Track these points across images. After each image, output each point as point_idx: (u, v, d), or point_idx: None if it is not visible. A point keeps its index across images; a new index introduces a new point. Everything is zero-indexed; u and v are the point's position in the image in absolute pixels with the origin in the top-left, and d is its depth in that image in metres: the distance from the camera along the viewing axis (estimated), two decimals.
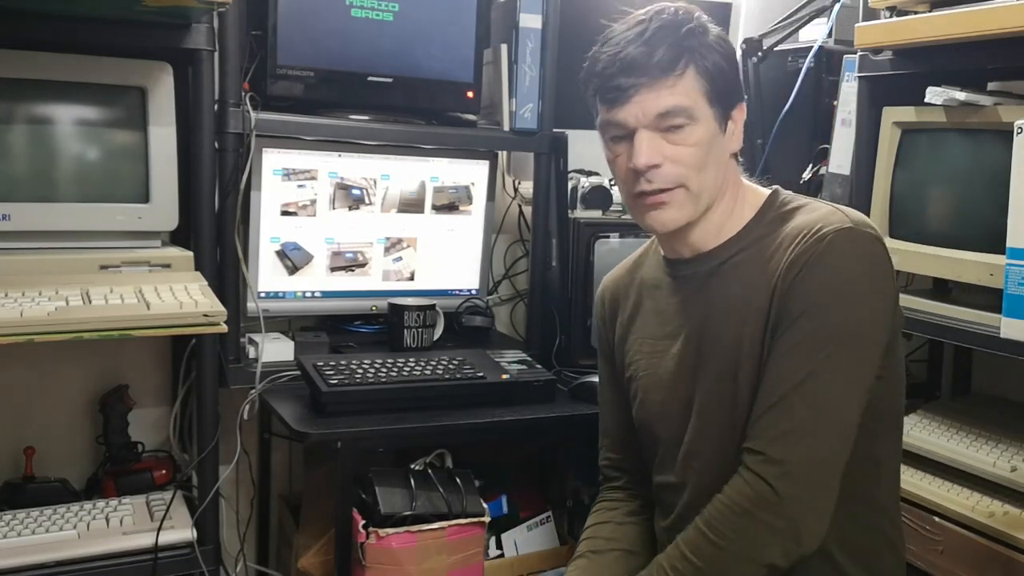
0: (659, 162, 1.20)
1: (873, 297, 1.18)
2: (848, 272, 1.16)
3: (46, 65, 1.58)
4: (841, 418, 1.15)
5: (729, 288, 1.25)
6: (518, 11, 1.99)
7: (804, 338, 1.15)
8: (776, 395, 1.15)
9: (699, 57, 1.20)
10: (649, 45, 1.18)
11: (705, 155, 1.21)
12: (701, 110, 1.20)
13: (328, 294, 2.08)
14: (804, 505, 1.13)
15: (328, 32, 1.86)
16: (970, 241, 1.54)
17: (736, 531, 1.14)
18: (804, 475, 1.13)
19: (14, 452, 1.82)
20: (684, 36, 1.20)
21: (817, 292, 1.15)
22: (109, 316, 1.44)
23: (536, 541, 1.98)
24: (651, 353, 1.35)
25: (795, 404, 1.14)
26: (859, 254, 1.17)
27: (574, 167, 2.15)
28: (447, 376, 1.77)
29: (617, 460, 1.48)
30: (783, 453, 1.13)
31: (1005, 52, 1.44)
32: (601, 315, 1.47)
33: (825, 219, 1.19)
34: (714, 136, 1.22)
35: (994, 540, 1.48)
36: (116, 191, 1.67)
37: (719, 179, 1.25)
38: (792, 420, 1.14)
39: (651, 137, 1.20)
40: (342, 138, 1.94)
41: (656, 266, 1.38)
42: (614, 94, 1.20)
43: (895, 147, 1.68)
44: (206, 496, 1.67)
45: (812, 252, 1.16)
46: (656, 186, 1.21)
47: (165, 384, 2.01)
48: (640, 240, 2.08)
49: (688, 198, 1.22)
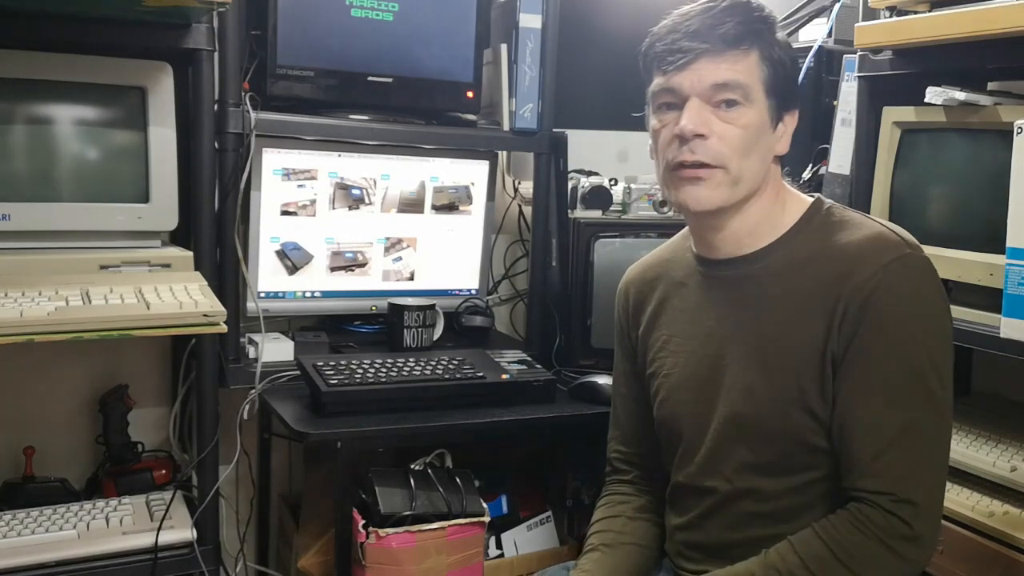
0: (705, 132, 1.18)
1: (945, 322, 1.20)
2: (921, 305, 1.17)
3: (46, 65, 1.58)
4: (947, 444, 1.20)
5: (772, 295, 1.24)
6: (518, 11, 1.99)
7: (899, 375, 1.16)
8: (887, 435, 1.15)
9: (765, 44, 1.20)
10: (716, 18, 1.18)
11: (752, 141, 1.20)
12: (757, 94, 1.20)
13: (328, 294, 2.08)
14: (931, 539, 1.16)
15: (328, 32, 1.86)
16: (970, 241, 1.54)
17: (871, 558, 1.15)
18: (933, 511, 1.16)
19: (14, 452, 1.82)
20: (755, 20, 1.20)
21: (897, 327, 1.16)
22: (109, 316, 1.44)
23: (536, 541, 1.98)
24: (678, 352, 1.34)
25: (910, 443, 1.15)
26: (926, 284, 1.18)
27: (574, 167, 2.15)
28: (447, 376, 1.77)
29: (628, 454, 1.47)
30: (912, 493, 1.14)
31: (1005, 52, 1.44)
32: (624, 307, 1.46)
33: (880, 240, 1.19)
34: (764, 126, 1.21)
35: (994, 540, 1.48)
36: (116, 191, 1.67)
37: (761, 171, 1.23)
38: (911, 459, 1.15)
39: (702, 107, 1.18)
40: (342, 138, 1.94)
41: (687, 264, 1.36)
42: (674, 57, 1.18)
43: (895, 147, 1.68)
44: (206, 496, 1.67)
45: (878, 281, 1.16)
46: (698, 158, 1.19)
47: (165, 384, 2.01)
48: (640, 240, 2.09)
49: (726, 180, 1.20)
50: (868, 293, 1.16)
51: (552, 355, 2.08)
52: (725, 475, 1.27)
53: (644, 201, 2.14)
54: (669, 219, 2.15)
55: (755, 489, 1.25)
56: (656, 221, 2.13)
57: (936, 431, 1.17)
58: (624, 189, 2.13)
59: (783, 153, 1.27)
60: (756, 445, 1.24)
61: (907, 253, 1.18)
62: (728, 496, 1.27)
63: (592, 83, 2.30)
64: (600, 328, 2.05)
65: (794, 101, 1.26)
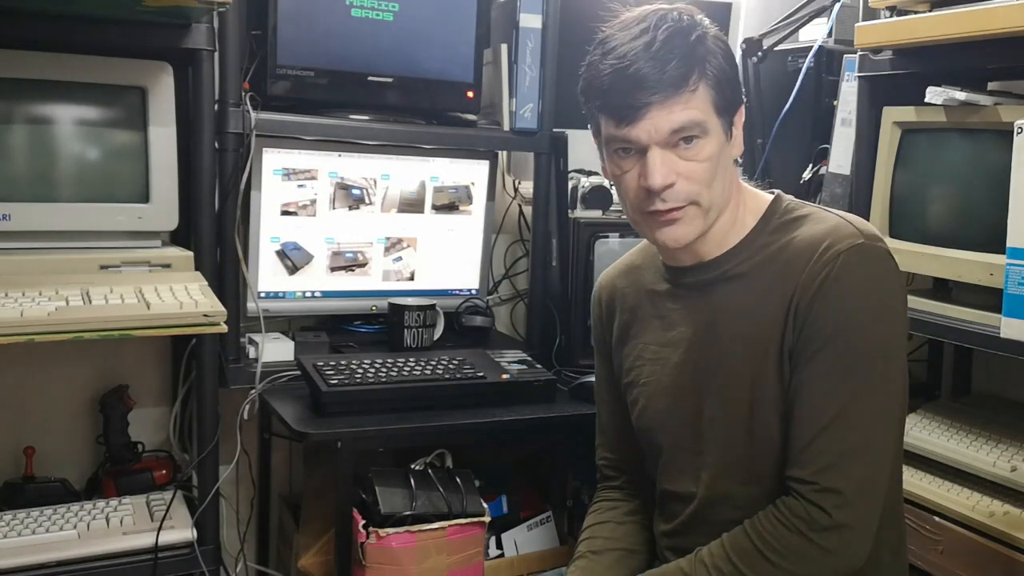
0: (673, 180, 1.17)
1: (895, 313, 1.19)
2: (869, 292, 1.16)
3: (46, 65, 1.58)
4: (885, 438, 1.17)
5: (735, 298, 1.24)
6: (518, 11, 1.99)
7: (837, 364, 1.15)
8: (819, 424, 1.15)
9: (708, 67, 1.17)
10: (659, 59, 1.14)
11: (715, 168, 1.19)
12: (711, 122, 1.18)
13: (328, 294, 2.08)
14: (859, 529, 1.15)
15: (328, 32, 1.86)
16: (970, 241, 1.54)
17: (792, 550, 1.15)
18: (858, 501, 1.14)
19: (14, 452, 1.82)
20: (693, 45, 1.16)
21: (841, 315, 1.15)
22: (109, 316, 1.44)
23: (536, 541, 1.98)
24: (653, 360, 1.34)
25: (840, 432, 1.14)
26: (876, 272, 1.17)
27: (574, 167, 2.14)
28: (447, 376, 1.77)
29: (614, 460, 1.48)
30: (836, 482, 1.13)
31: (1005, 52, 1.44)
32: (598, 315, 1.46)
33: (835, 233, 1.18)
34: (722, 147, 1.20)
35: (994, 540, 1.48)
36: (116, 191, 1.67)
37: (727, 189, 1.23)
38: (840, 448, 1.14)
39: (664, 154, 1.16)
40: (342, 138, 1.94)
41: (656, 272, 1.37)
42: (625, 112, 1.15)
43: (895, 147, 1.68)
44: (206, 496, 1.67)
45: (828, 272, 1.15)
46: (669, 205, 1.18)
47: (165, 384, 2.01)
48: (640, 240, 2.08)
49: (699, 213, 1.20)
50: (819, 284, 1.16)
51: (552, 355, 2.08)
52: (703, 481, 1.28)
53: None
54: None
55: (730, 495, 1.25)
56: None
57: (874, 419, 1.16)
58: None
59: (739, 155, 1.27)
60: (731, 449, 1.24)
61: (859, 243, 1.17)
62: (706, 503, 1.28)
63: None
64: None
65: (739, 100, 1.23)
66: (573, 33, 2.13)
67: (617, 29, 1.19)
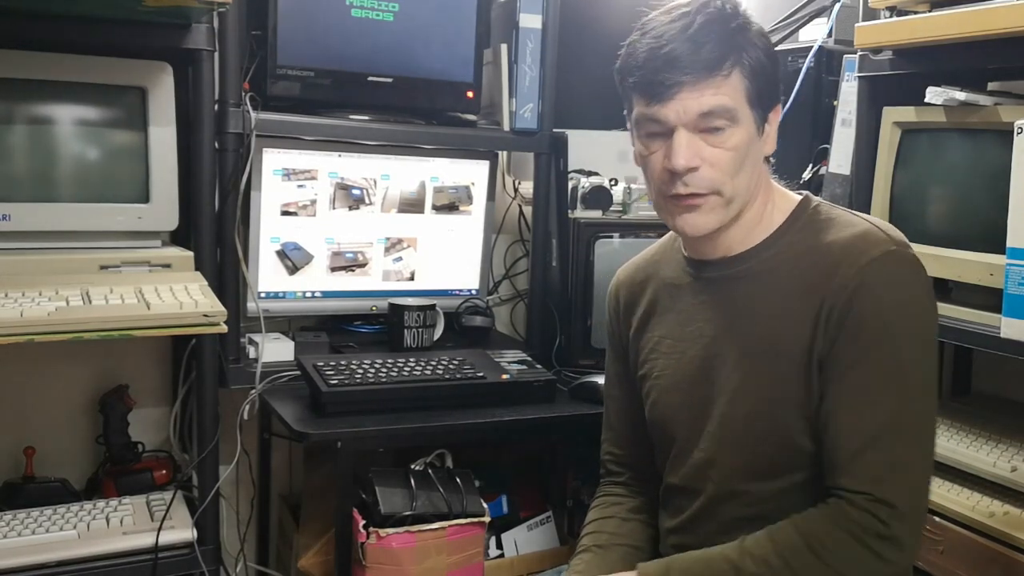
0: (697, 164, 1.17)
1: (929, 319, 1.19)
2: (905, 300, 1.16)
3: (46, 65, 1.58)
4: (930, 445, 1.18)
5: (758, 296, 1.24)
6: (518, 11, 1.99)
7: (878, 373, 1.15)
8: (867, 434, 1.15)
9: (745, 56, 1.17)
10: (695, 41, 1.14)
11: (742, 159, 1.19)
12: (743, 111, 1.18)
13: (328, 294, 2.08)
14: (913, 540, 1.15)
15: (328, 32, 1.86)
16: (970, 241, 1.54)
17: (846, 552, 1.13)
18: (913, 511, 1.14)
19: (14, 452, 1.83)
20: (732, 32, 1.16)
21: (879, 324, 1.15)
22: (109, 316, 1.44)
23: (536, 541, 1.98)
24: (669, 353, 1.33)
25: (889, 442, 1.14)
26: (909, 279, 1.17)
27: (574, 167, 2.15)
28: (447, 376, 1.77)
29: (620, 455, 1.47)
30: (890, 494, 1.13)
31: (1005, 52, 1.44)
32: (615, 309, 1.45)
33: (866, 239, 1.18)
34: (751, 138, 1.20)
35: (994, 540, 1.48)
36: (116, 191, 1.67)
37: (752, 183, 1.23)
38: (890, 459, 1.14)
39: (690, 138, 1.16)
40: (342, 138, 1.95)
41: (677, 265, 1.36)
42: (656, 89, 1.15)
43: (895, 147, 1.68)
44: (206, 496, 1.67)
45: (861, 279, 1.15)
46: (691, 190, 1.18)
47: (165, 384, 2.01)
48: (640, 240, 2.09)
49: (720, 203, 1.20)
50: (852, 291, 1.15)
51: (552, 355, 2.08)
52: (714, 478, 1.27)
53: (644, 201, 2.14)
54: None
55: (742, 491, 1.25)
56: (656, 221, 2.10)
57: (918, 431, 1.16)
58: (624, 189, 2.13)
59: (771, 153, 1.26)
60: (745, 447, 1.24)
61: (892, 250, 1.17)
62: (716, 499, 1.27)
63: (592, 83, 2.29)
64: (600, 328, 2.05)
65: (776, 97, 1.24)
66: (573, 33, 2.14)
67: (659, 13, 1.19)
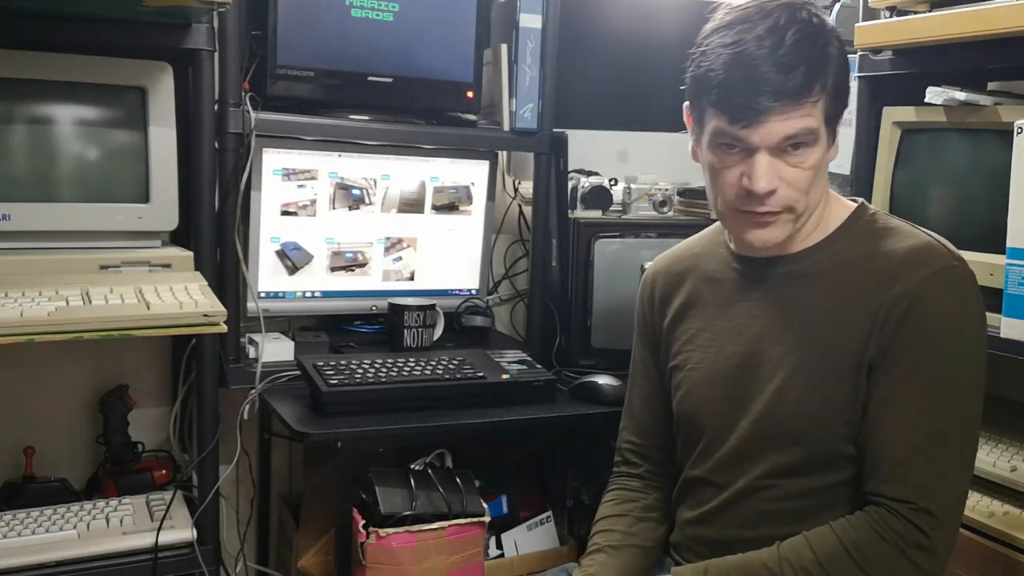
0: (777, 186, 1.17)
1: (980, 337, 1.19)
2: (962, 315, 1.17)
3: (46, 65, 1.58)
4: (971, 458, 1.20)
5: (810, 296, 1.24)
6: (518, 11, 1.99)
7: (930, 383, 1.15)
8: (913, 442, 1.15)
9: (831, 78, 1.15)
10: (785, 65, 1.11)
11: (815, 175, 1.19)
12: (822, 131, 1.17)
13: (328, 294, 2.08)
14: (947, 550, 1.15)
15: (328, 32, 1.86)
16: (970, 241, 1.54)
17: (886, 563, 1.14)
18: (952, 522, 1.15)
19: (14, 452, 1.82)
20: (820, 54, 1.14)
21: (936, 336, 1.15)
22: (109, 316, 1.44)
23: (536, 541, 1.98)
24: (707, 347, 1.33)
25: (935, 451, 1.15)
26: (967, 296, 1.18)
27: (574, 167, 2.14)
28: (447, 376, 1.77)
29: (640, 446, 1.46)
30: (932, 504, 1.13)
31: (1005, 52, 1.44)
32: (648, 298, 1.45)
33: (928, 252, 1.19)
34: (824, 154, 1.20)
35: (994, 540, 1.48)
36: (116, 191, 1.67)
37: (820, 195, 1.23)
38: (935, 468, 1.15)
39: (771, 161, 1.15)
40: (342, 138, 1.94)
41: (721, 259, 1.35)
42: (743, 113, 1.13)
43: (895, 147, 1.68)
44: (206, 496, 1.67)
45: (922, 291, 1.15)
46: (767, 208, 1.18)
47: (165, 384, 2.01)
48: (640, 240, 2.09)
49: (791, 219, 1.21)
50: (911, 302, 1.15)
51: (552, 355, 2.08)
52: (745, 473, 1.27)
53: (644, 201, 2.14)
54: (669, 219, 2.15)
55: (772, 487, 1.24)
56: (656, 221, 2.13)
57: (962, 444, 1.17)
58: (624, 189, 2.13)
59: (834, 157, 1.25)
60: (783, 446, 1.23)
61: (953, 266, 1.18)
62: (743, 493, 1.27)
63: (592, 83, 2.30)
64: (600, 328, 2.05)
65: (845, 106, 1.22)
66: (573, 33, 2.14)
67: (738, 19, 1.15)
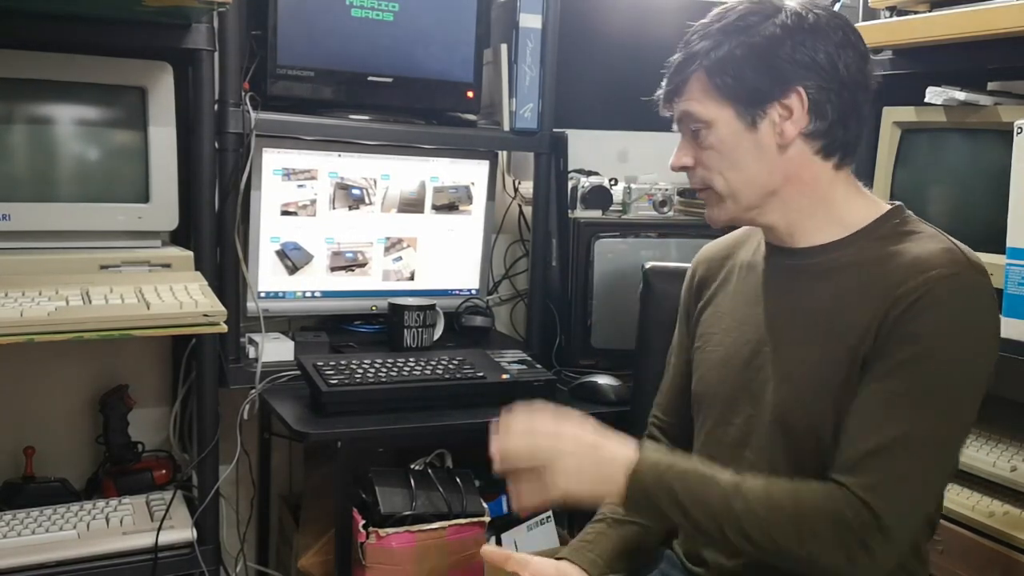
0: (688, 163, 1.24)
1: (981, 350, 1.17)
2: (961, 323, 1.14)
3: (46, 65, 1.58)
4: (942, 468, 1.17)
5: (821, 291, 1.23)
6: (518, 11, 1.99)
7: (913, 386, 1.13)
8: (878, 441, 1.13)
9: (707, 58, 1.19)
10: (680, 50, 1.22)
11: (728, 155, 1.20)
12: (712, 111, 1.19)
13: (328, 294, 2.08)
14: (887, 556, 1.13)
15: (328, 32, 1.86)
16: (970, 241, 1.53)
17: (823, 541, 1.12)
18: (899, 531, 1.13)
19: (14, 452, 1.83)
20: (697, 39, 1.21)
21: (927, 339, 1.13)
22: (109, 316, 1.44)
23: (536, 541, 1.98)
24: (727, 331, 1.34)
25: (897, 454, 1.12)
26: (972, 305, 1.15)
27: (574, 167, 2.15)
28: (447, 376, 1.77)
29: (664, 423, 1.48)
30: (882, 507, 1.11)
31: (1005, 52, 1.44)
32: (690, 281, 1.47)
33: (942, 256, 1.16)
34: (737, 135, 1.20)
35: (994, 540, 1.48)
36: (116, 191, 1.67)
37: (760, 176, 1.21)
38: (896, 473, 1.12)
39: (685, 141, 1.25)
40: (342, 138, 1.94)
41: (757, 247, 1.37)
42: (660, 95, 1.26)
43: (895, 147, 1.68)
44: (206, 496, 1.67)
45: (924, 291, 1.13)
46: (693, 184, 1.27)
47: (165, 384, 2.01)
48: (640, 240, 2.10)
49: (718, 199, 1.24)
50: (912, 301, 1.14)
51: (552, 355, 2.08)
52: (746, 460, 1.26)
53: (644, 201, 2.14)
54: (669, 219, 2.15)
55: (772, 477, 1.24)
56: (656, 221, 2.14)
57: (935, 449, 1.14)
58: (624, 189, 2.13)
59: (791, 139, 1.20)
60: (782, 437, 1.23)
61: (963, 273, 1.15)
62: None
63: (592, 83, 2.30)
64: (600, 328, 2.05)
65: (775, 87, 1.19)
66: (573, 33, 2.14)
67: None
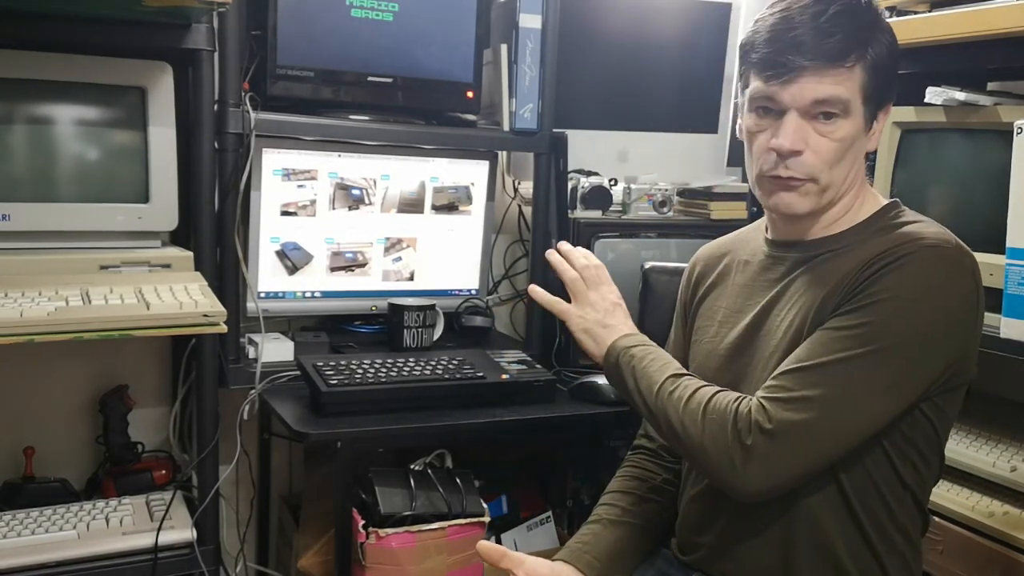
0: (801, 148, 1.19)
1: (943, 320, 1.15)
2: (927, 288, 1.14)
3: (46, 65, 1.58)
4: (852, 417, 1.14)
5: (811, 280, 1.25)
6: (518, 11, 1.99)
7: (856, 329, 1.14)
8: (801, 361, 1.15)
9: (870, 51, 1.18)
10: (822, 31, 1.16)
11: (845, 150, 1.20)
12: (856, 105, 1.19)
13: (328, 294, 2.08)
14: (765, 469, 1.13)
15: (328, 32, 1.86)
16: (970, 241, 1.53)
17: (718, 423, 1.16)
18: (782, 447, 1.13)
19: (14, 452, 1.83)
20: (862, 27, 1.18)
21: (888, 291, 1.14)
22: (109, 316, 1.44)
23: (536, 541, 1.98)
24: (723, 323, 1.35)
25: (810, 379, 1.13)
26: (944, 276, 1.15)
27: (574, 167, 2.15)
28: (447, 376, 1.77)
29: None
30: (776, 414, 1.13)
31: (1005, 52, 1.44)
32: (687, 278, 1.48)
33: (924, 232, 1.18)
34: (858, 133, 1.21)
35: (994, 540, 1.48)
36: (116, 191, 1.67)
37: (849, 176, 1.24)
38: (801, 390, 1.13)
39: (799, 122, 1.19)
40: (342, 138, 1.94)
41: (756, 245, 1.37)
42: (778, 70, 1.17)
43: (895, 147, 1.68)
44: (206, 496, 1.67)
45: (900, 254, 1.15)
46: (791, 173, 1.21)
47: (165, 384, 2.01)
48: (640, 240, 2.10)
49: (815, 189, 1.22)
50: (890, 261, 1.15)
51: (552, 355, 2.08)
52: None
53: (644, 201, 2.14)
54: (669, 219, 2.15)
55: None
56: (656, 221, 2.14)
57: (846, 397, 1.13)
58: (624, 189, 2.13)
59: (873, 149, 1.27)
60: None
61: (938, 245, 1.16)
62: None
63: (592, 83, 2.30)
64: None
65: (890, 96, 1.25)
66: (573, 33, 2.14)
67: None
